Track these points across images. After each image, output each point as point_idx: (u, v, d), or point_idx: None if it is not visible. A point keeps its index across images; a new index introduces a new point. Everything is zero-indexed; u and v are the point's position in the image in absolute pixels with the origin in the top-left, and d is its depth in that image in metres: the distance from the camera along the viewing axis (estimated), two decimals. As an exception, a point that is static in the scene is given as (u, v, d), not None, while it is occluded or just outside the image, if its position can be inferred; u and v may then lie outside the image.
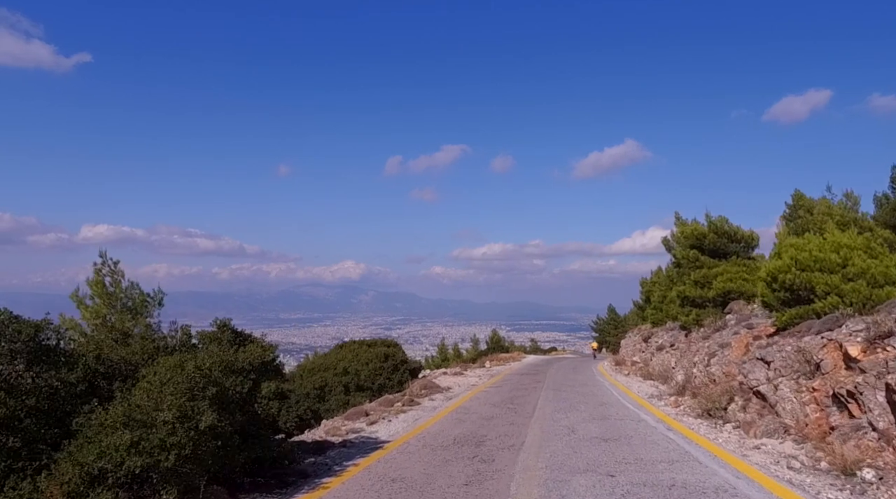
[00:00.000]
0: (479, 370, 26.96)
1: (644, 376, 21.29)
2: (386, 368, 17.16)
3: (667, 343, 20.95)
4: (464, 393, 15.62)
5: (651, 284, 38.69)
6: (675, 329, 21.91)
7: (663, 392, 14.02)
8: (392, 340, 22.41)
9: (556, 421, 9.56)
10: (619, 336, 64.34)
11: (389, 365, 17.30)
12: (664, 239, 26.03)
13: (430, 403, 13.22)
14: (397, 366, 17.58)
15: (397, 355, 17.83)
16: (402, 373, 17.52)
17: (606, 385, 17.75)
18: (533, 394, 14.62)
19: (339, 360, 18.11)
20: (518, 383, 18.50)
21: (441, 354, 56.93)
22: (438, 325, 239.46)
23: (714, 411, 9.69)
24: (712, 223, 19.24)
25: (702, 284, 18.62)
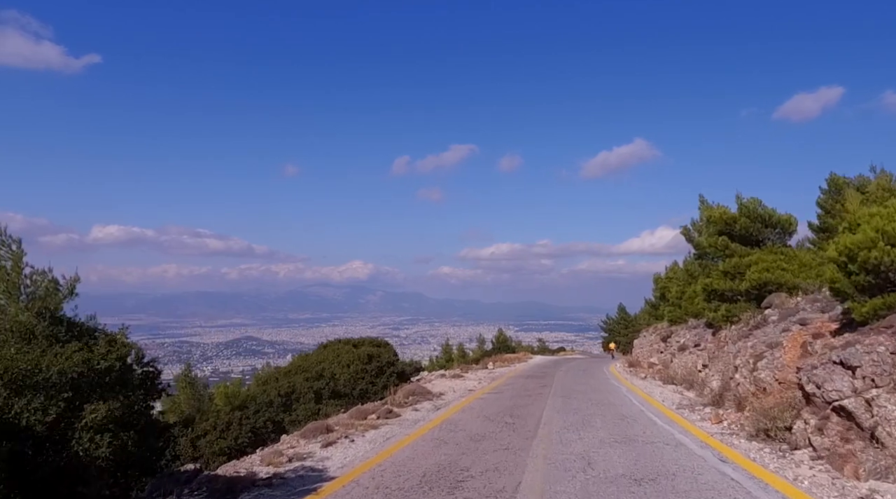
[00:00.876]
0: (481, 372, 24.68)
1: (664, 379, 18.94)
2: (369, 372, 14.94)
3: (690, 343, 18.57)
4: (457, 401, 13.37)
5: (666, 281, 36.25)
6: (698, 327, 19.51)
7: (694, 402, 11.67)
8: (382, 339, 20.20)
9: (565, 444, 7.28)
10: (629, 336, 61.86)
11: (373, 367, 15.08)
12: (683, 229, 23.67)
13: (413, 414, 10.96)
14: (382, 368, 15.35)
15: (383, 356, 15.60)
16: (388, 376, 15.30)
17: (623, 391, 15.42)
18: (537, 402, 12.33)
19: (319, 361, 15.93)
20: (522, 388, 16.21)
21: (445, 354, 54.78)
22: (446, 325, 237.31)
23: (774, 432, 7.36)
24: (744, 206, 16.84)
25: (732, 276, 16.23)
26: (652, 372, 21.90)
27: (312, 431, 8.85)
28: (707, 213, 17.69)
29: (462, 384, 18.44)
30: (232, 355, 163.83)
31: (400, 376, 16.36)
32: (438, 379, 21.16)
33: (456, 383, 19.13)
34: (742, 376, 9.84)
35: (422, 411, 11.48)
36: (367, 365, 15.03)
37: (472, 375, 23.18)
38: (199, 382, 21.32)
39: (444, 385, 18.12)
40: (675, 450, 6.79)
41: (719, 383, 11.39)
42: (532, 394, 14.40)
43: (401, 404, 12.09)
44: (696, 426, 8.72)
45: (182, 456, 9.48)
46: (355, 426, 9.19)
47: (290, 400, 13.10)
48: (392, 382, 15.30)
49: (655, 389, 16.34)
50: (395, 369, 15.60)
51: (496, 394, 14.70)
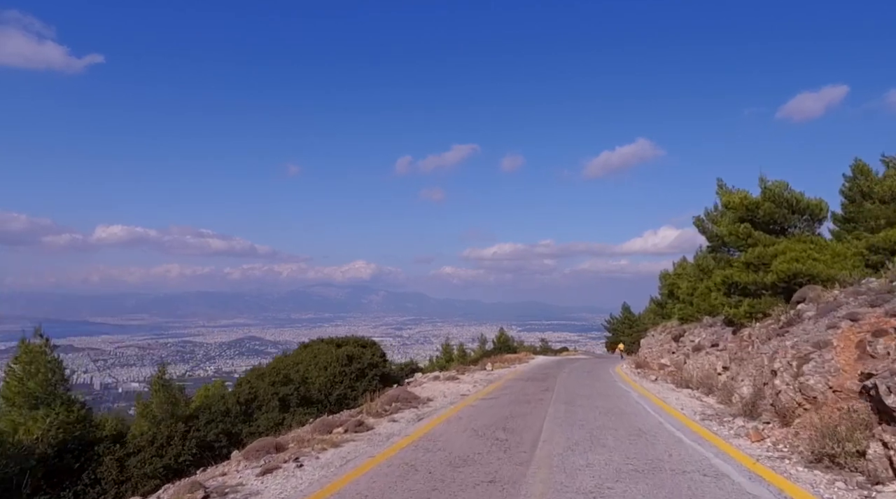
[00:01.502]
0: (478, 374, 22.98)
1: (678, 383, 17.23)
2: (348, 374, 13.27)
3: (706, 342, 16.86)
4: (445, 408, 11.68)
5: (675, 277, 34.51)
6: (716, 325, 17.80)
7: (721, 411, 9.95)
8: (368, 339, 18.53)
9: (570, 474, 5.60)
10: (633, 336, 60.15)
11: (353, 370, 13.40)
12: (696, 219, 21.91)
13: (389, 426, 9.27)
14: (364, 371, 13.68)
15: (365, 357, 13.91)
16: (369, 380, 13.62)
17: (633, 396, 13.71)
18: (537, 411, 10.63)
19: (296, 363, 14.26)
20: (520, 393, 14.52)
21: (446, 354, 53.24)
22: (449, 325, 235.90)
23: (842, 457, 5.65)
24: (768, 190, 15.10)
25: (756, 267, 14.51)
26: (663, 374, 20.18)
27: (258, 450, 7.17)
28: (726, 198, 15.96)
29: (455, 388, 16.75)
30: (235, 355, 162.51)
31: (385, 379, 14.68)
32: (431, 382, 19.48)
33: (449, 386, 17.44)
34: (784, 381, 8.11)
35: (400, 421, 9.79)
36: (347, 367, 13.37)
37: (468, 377, 21.49)
38: (175, 385, 19.64)
39: (435, 389, 16.43)
40: (718, 484, 5.09)
41: (751, 389, 9.66)
42: (531, 400, 12.70)
43: (378, 413, 10.41)
44: (733, 446, 7.01)
45: (104, 479, 7.86)
46: (313, 444, 7.50)
47: (250, 408, 11.43)
48: (374, 386, 13.62)
49: (669, 394, 14.62)
50: (379, 372, 13.92)
51: (491, 400, 13.01)
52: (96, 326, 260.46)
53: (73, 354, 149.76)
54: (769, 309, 13.63)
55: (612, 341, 66.02)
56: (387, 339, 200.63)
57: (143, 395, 21.78)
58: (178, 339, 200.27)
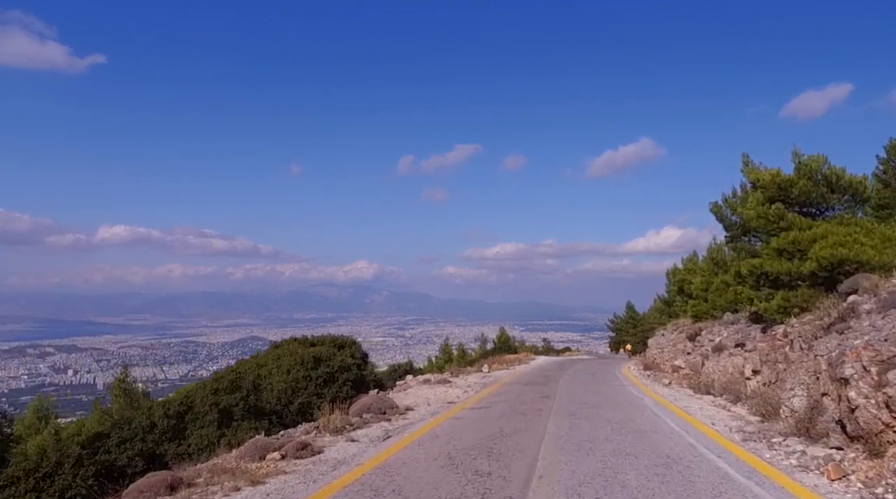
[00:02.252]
0: (473, 377, 20.99)
1: (695, 388, 15.22)
2: (314, 380, 11.30)
3: (729, 342, 14.82)
4: (424, 420, 9.69)
5: (685, 273, 32.39)
6: (738, 322, 15.77)
7: (765, 429, 7.92)
8: (348, 338, 16.56)
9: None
10: (637, 335, 58.02)
11: (321, 374, 11.44)
12: (714, 206, 19.86)
13: (343, 449, 7.27)
14: (333, 375, 11.71)
15: (335, 359, 11.94)
16: (339, 385, 11.66)
17: (647, 404, 11.69)
18: (534, 426, 8.65)
19: (259, 365, 12.30)
20: (516, 400, 12.52)
21: (445, 355, 51.39)
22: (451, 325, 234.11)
23: None
24: (803, 165, 13.04)
25: (790, 254, 12.48)
26: (677, 377, 18.14)
27: (147, 489, 5.19)
28: (754, 176, 13.90)
29: (444, 393, 14.77)
30: (238, 355, 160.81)
31: (358, 384, 12.70)
32: (419, 386, 17.50)
33: (438, 391, 15.46)
34: (861, 393, 6.08)
35: (361, 441, 7.79)
36: (313, 371, 11.41)
37: (461, 380, 19.50)
38: (138, 389, 17.73)
39: (420, 395, 14.45)
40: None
41: (804, 400, 7.62)
42: (528, 410, 10.70)
43: (337, 429, 8.42)
44: (804, 485, 5.00)
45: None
46: (224, 480, 5.50)
47: (183, 422, 9.44)
48: (346, 393, 11.65)
49: (690, 401, 12.59)
50: (352, 376, 11.95)
51: (481, 410, 11.01)
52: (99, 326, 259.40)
53: (76, 355, 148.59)
54: (808, 303, 11.60)
55: (616, 341, 64.11)
56: (389, 339, 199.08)
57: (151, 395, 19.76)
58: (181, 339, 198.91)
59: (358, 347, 16.21)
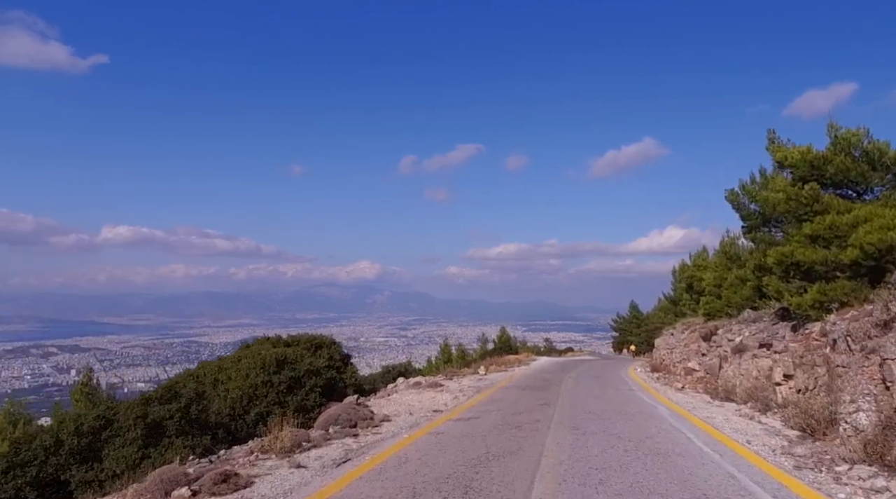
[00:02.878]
0: (468, 379, 19.40)
1: (713, 393, 13.62)
2: (275, 385, 9.73)
3: (752, 342, 13.18)
4: (397, 437, 8.09)
5: (695, 269, 30.69)
6: (761, 320, 14.12)
7: (817, 451, 6.30)
8: (328, 338, 15.00)
9: None
10: (641, 335, 56.32)
11: (284, 379, 9.86)
12: (730, 193, 18.21)
13: (281, 480, 5.67)
14: (300, 379, 10.13)
15: (301, 363, 10.35)
16: (307, 391, 10.08)
17: (663, 414, 10.07)
18: (529, 444, 7.05)
19: (221, 368, 10.72)
20: (511, 409, 10.91)
21: (444, 355, 49.89)
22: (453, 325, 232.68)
23: None
24: (842, 139, 11.38)
25: (826, 241, 10.83)
26: (691, 381, 16.52)
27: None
28: (780, 154, 12.24)
29: (432, 400, 13.18)
30: None
31: (329, 390, 11.11)
32: (407, 390, 15.92)
33: (426, 396, 13.87)
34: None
35: (310, 467, 6.19)
36: (275, 375, 9.83)
37: (454, 383, 17.92)
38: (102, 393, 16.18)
39: (404, 402, 12.86)
40: None
41: (873, 416, 6.00)
42: (524, 422, 9.09)
43: (284, 450, 6.82)
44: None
45: None
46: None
47: (99, 440, 7.85)
48: (314, 400, 10.07)
49: (711, 410, 10.97)
50: (322, 381, 10.36)
51: (468, 422, 9.41)
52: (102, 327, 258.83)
53: (79, 355, 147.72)
54: (850, 296, 9.97)
55: (620, 341, 62.54)
56: (391, 339, 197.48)
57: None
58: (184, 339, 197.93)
59: (338, 347, 14.63)
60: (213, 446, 7.91)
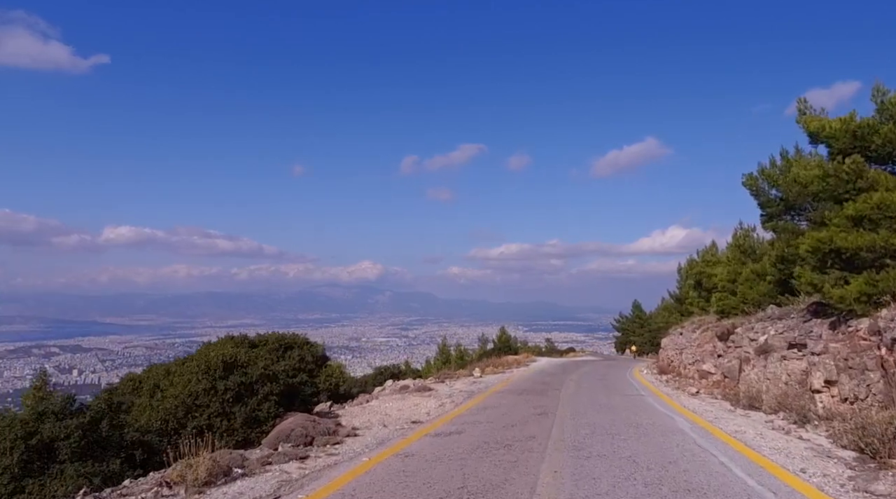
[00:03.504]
0: (461, 382, 17.81)
1: (733, 399, 12.01)
2: (219, 394, 8.14)
3: (779, 342, 11.54)
4: (356, 460, 6.48)
5: (704, 265, 28.99)
6: (789, 317, 12.46)
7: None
8: (301, 337, 13.43)
9: None
10: (645, 335, 54.67)
11: (232, 384, 8.27)
12: (748, 178, 16.64)
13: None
14: (251, 386, 8.53)
15: (254, 367, 8.74)
16: (260, 400, 8.49)
17: (684, 428, 8.43)
18: (517, 476, 5.45)
19: (167, 373, 9.12)
20: (503, 420, 9.31)
21: (443, 355, 48.43)
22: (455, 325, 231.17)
23: None
24: (891, 104, 9.74)
25: (874, 222, 9.20)
26: (706, 385, 14.89)
27: None
28: (815, 125, 10.59)
29: (415, 407, 11.58)
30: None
31: (290, 397, 9.50)
32: (391, 395, 14.32)
33: (409, 403, 12.28)
34: None
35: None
36: (221, 381, 8.24)
37: (446, 387, 16.33)
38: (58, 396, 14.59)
39: (382, 410, 11.26)
40: None
41: None
42: (515, 439, 7.48)
43: (200, 482, 5.22)
44: None
45: None
46: None
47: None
48: (266, 411, 8.47)
49: (737, 421, 9.34)
50: (279, 388, 8.76)
51: (450, 437, 7.80)
52: (105, 327, 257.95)
53: (81, 355, 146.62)
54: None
55: (622, 342, 61.07)
56: (393, 339, 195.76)
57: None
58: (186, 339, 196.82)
59: (312, 348, 13.03)
60: (124, 471, 6.35)
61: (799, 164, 14.99)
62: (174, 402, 7.87)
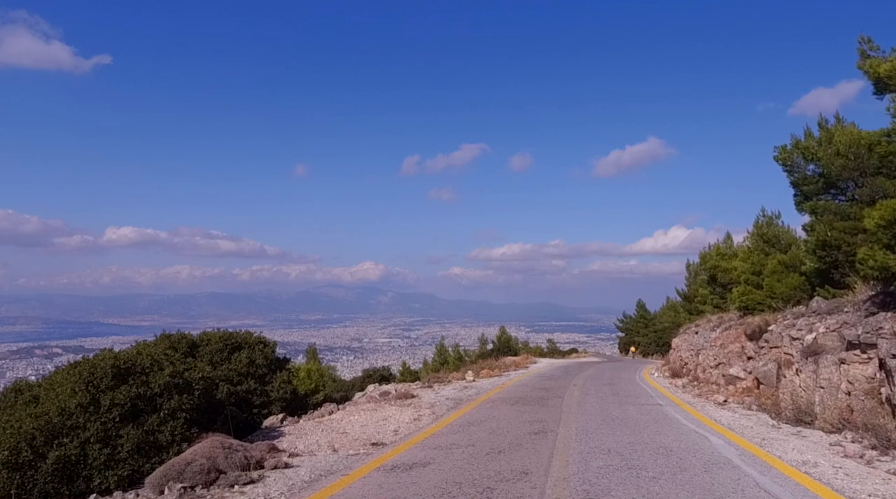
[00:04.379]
0: (450, 387, 15.61)
1: (771, 410, 9.86)
2: (104, 411, 6.00)
3: (833, 342, 9.31)
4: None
5: (718, 258, 26.77)
6: (843, 311, 10.23)
7: None
8: (253, 335, 11.32)
9: None
10: (648, 336, 52.47)
11: (123, 398, 6.13)
12: (782, 150, 14.67)
13: None
14: (153, 399, 6.38)
15: (160, 374, 6.59)
16: (162, 417, 6.33)
17: (733, 460, 6.22)
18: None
19: (51, 385, 6.98)
20: (489, 442, 7.14)
21: (440, 356, 46.46)
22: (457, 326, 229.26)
23: None
24: None
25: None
26: (734, 392, 12.68)
27: None
28: (885, 68, 8.37)
29: (383, 422, 9.41)
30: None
31: (211, 412, 7.32)
32: (363, 405, 12.16)
33: (379, 416, 10.10)
34: None
35: None
36: (107, 393, 6.11)
37: (432, 393, 14.16)
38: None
39: (345, 426, 9.09)
40: None
41: None
42: (499, 477, 5.32)
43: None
44: None
45: None
46: None
47: None
48: (169, 433, 6.31)
49: (793, 443, 7.15)
50: (190, 401, 6.61)
51: (410, 473, 5.64)
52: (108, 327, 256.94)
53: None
54: None
55: (626, 342, 59.18)
56: (395, 340, 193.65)
57: None
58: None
59: (264, 348, 10.87)
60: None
61: (843, 132, 12.79)
62: (32, 424, 5.72)
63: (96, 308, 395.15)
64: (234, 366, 9.73)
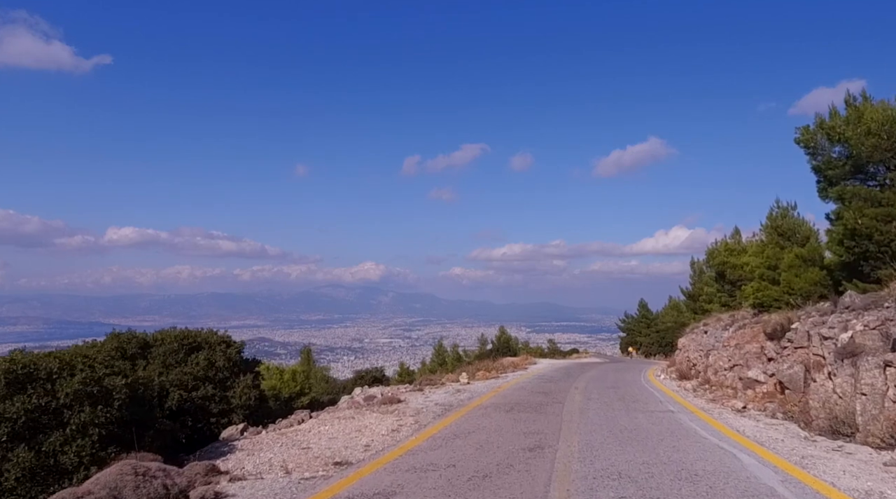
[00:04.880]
0: (441, 391, 14.36)
1: (800, 419, 8.65)
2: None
3: (874, 342, 8.05)
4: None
5: (727, 254, 25.51)
6: (882, 306, 8.97)
7: None
8: (216, 334, 10.15)
9: None
10: (650, 336, 51.21)
11: (17, 410, 4.93)
12: (804, 132, 13.51)
13: None
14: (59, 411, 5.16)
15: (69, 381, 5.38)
16: (69, 435, 5.11)
17: (775, 487, 4.97)
18: None
19: None
20: (475, 461, 5.93)
21: (438, 357, 45.33)
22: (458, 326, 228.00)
23: None
24: None
25: None
26: (754, 397, 11.42)
27: None
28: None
29: (357, 433, 8.18)
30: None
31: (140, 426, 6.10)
32: (343, 411, 10.93)
33: (356, 425, 8.88)
34: None
35: None
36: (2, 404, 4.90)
37: (421, 398, 12.89)
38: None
39: (311, 438, 7.87)
40: None
41: None
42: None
43: None
44: None
45: None
46: None
47: None
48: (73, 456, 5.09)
49: (839, 463, 5.95)
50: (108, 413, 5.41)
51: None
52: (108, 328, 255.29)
53: None
54: None
55: (628, 342, 58.09)
56: (396, 340, 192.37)
57: None
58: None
59: (230, 349, 9.67)
60: None
61: (874, 110, 11.55)
62: None
63: (97, 308, 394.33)
64: (189, 369, 8.51)
